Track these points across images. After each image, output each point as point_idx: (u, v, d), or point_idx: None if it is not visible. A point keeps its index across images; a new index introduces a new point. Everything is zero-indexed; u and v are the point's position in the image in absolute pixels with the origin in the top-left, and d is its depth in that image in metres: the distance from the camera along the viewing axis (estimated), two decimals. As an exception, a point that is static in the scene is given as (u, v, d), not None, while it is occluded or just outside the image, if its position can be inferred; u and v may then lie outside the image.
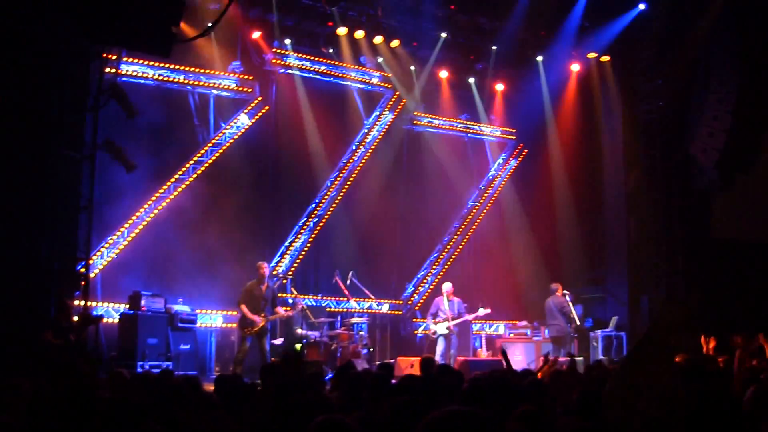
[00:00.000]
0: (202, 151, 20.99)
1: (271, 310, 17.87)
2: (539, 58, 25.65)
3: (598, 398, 6.89)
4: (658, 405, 4.99)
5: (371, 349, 20.76)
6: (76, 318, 14.65)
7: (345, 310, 21.97)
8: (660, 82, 23.94)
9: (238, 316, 18.09)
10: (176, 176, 20.49)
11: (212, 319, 20.30)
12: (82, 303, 15.15)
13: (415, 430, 3.27)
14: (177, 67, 20.68)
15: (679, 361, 12.46)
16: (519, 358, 21.46)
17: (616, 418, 5.26)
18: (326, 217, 23.06)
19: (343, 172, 23.67)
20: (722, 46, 21.65)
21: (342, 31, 22.76)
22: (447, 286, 20.78)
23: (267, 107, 22.16)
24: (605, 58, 24.97)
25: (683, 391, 5.64)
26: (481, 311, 20.71)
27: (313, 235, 22.77)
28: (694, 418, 4.71)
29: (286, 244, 22.45)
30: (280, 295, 20.34)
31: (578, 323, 20.87)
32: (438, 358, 18.79)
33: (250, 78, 21.97)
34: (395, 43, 23.65)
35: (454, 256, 25.62)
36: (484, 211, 26.40)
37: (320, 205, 23.07)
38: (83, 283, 15.62)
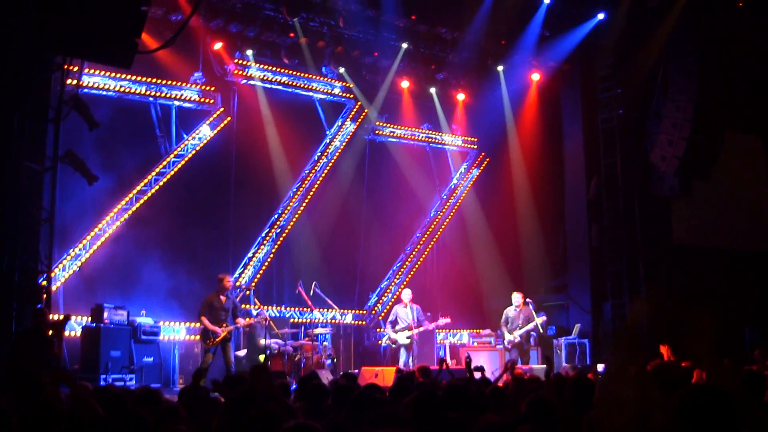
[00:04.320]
0: (164, 163, 20.96)
1: (232, 320, 17.85)
2: (500, 68, 25.73)
3: (548, 405, 6.97)
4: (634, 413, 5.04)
5: (335, 360, 20.73)
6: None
7: (308, 320, 21.96)
8: (619, 91, 24.12)
9: (200, 328, 18.04)
10: (138, 188, 20.43)
11: (175, 332, 20.24)
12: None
13: None
14: (139, 78, 20.61)
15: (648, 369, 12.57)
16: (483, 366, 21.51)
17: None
18: (289, 227, 23.06)
19: (306, 182, 23.68)
20: (680, 55, 21.81)
21: (303, 41, 22.77)
22: (407, 294, 20.83)
23: (229, 118, 22.14)
24: (565, 67, 25.14)
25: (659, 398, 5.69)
26: (441, 321, 20.82)
27: (275, 246, 22.77)
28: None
29: (249, 255, 22.44)
30: (243, 306, 20.35)
31: (541, 331, 20.93)
32: (402, 368, 18.80)
33: (212, 89, 21.95)
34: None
35: (417, 266, 25.67)
36: (447, 220, 26.47)
37: (283, 215, 23.07)
38: (45, 296, 15.55)
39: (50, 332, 13.95)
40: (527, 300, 20.79)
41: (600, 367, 20.23)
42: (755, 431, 6.09)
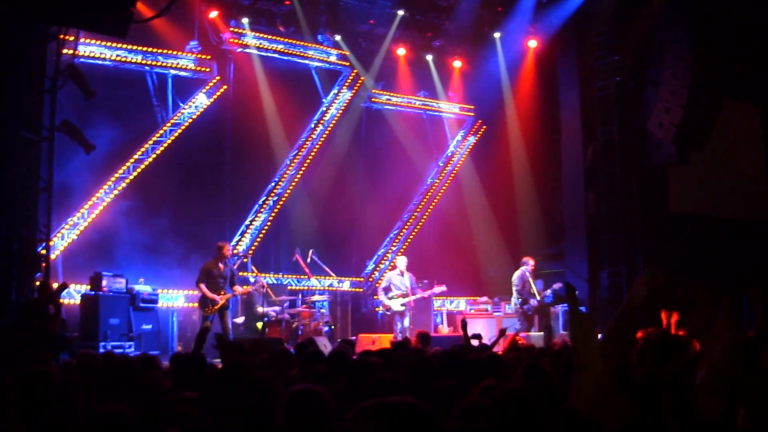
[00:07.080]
0: (161, 132, 20.96)
1: (230, 288, 17.86)
2: (497, 35, 25.66)
3: (542, 372, 7.03)
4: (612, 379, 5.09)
5: (332, 327, 20.80)
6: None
7: (306, 288, 22.03)
8: (616, 58, 24.04)
9: (198, 295, 18.06)
10: (135, 157, 20.44)
11: (173, 299, 20.30)
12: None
13: (345, 421, 3.23)
14: (134, 47, 20.59)
15: (640, 336, 12.62)
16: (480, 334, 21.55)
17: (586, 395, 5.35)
18: (286, 195, 23.10)
19: (302, 150, 23.68)
20: (676, 22, 21.71)
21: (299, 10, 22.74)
22: (402, 261, 20.82)
23: (225, 86, 22.13)
24: (562, 34, 25.04)
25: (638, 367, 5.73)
26: (437, 289, 20.79)
27: (273, 214, 22.80)
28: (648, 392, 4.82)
29: (246, 222, 22.48)
30: (240, 273, 20.42)
31: (538, 298, 20.84)
32: (398, 336, 18.87)
33: (208, 57, 21.91)
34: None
35: (414, 233, 25.74)
36: (444, 187, 26.51)
37: (279, 183, 23.09)
38: (44, 264, 15.63)
39: (52, 307, 14.06)
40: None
41: (599, 335, 20.27)
42: (750, 402, 6.14)
